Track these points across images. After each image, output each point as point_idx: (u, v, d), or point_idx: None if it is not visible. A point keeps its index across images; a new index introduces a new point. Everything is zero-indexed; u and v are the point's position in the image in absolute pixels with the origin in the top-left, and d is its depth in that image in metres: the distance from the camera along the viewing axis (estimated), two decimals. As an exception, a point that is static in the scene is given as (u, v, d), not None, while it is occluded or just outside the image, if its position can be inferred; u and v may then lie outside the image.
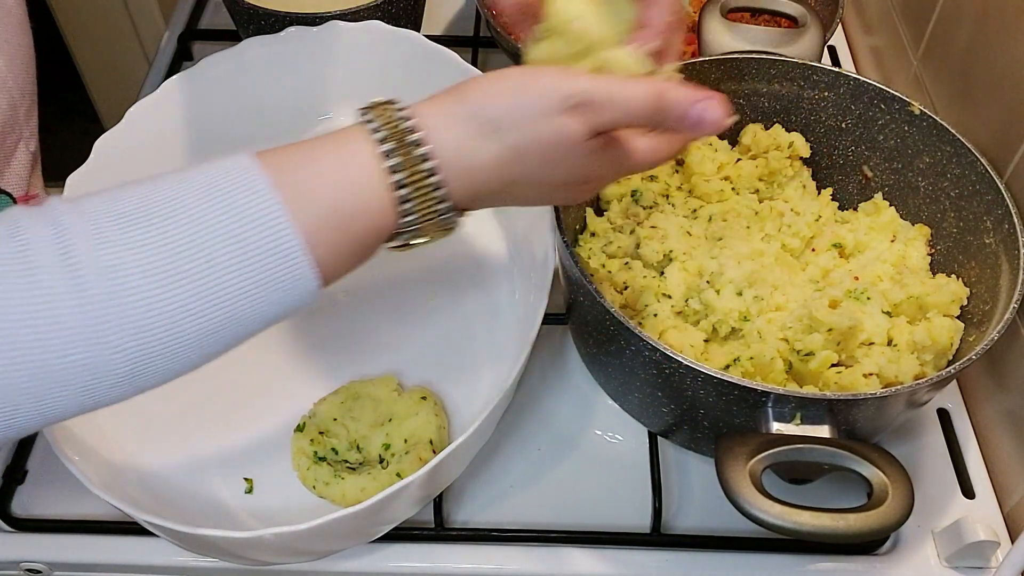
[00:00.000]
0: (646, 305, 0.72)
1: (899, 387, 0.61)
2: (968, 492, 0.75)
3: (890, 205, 0.80)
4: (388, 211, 0.50)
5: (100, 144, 0.80)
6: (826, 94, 0.80)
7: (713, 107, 0.52)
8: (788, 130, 0.82)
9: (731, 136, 0.84)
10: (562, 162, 0.53)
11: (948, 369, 0.61)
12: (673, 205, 0.81)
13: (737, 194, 0.81)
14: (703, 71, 0.80)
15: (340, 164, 0.49)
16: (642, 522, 0.73)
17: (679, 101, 0.52)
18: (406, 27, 0.86)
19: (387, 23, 0.86)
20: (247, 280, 0.46)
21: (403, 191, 0.50)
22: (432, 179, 0.50)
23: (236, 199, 0.46)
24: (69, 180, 0.77)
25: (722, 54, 0.80)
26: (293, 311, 0.49)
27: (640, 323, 0.72)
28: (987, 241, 0.71)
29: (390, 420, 0.70)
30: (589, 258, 0.78)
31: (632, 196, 0.80)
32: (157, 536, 0.65)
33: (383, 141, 0.49)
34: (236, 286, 0.46)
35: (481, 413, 0.64)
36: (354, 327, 0.81)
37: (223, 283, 0.45)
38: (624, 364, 0.68)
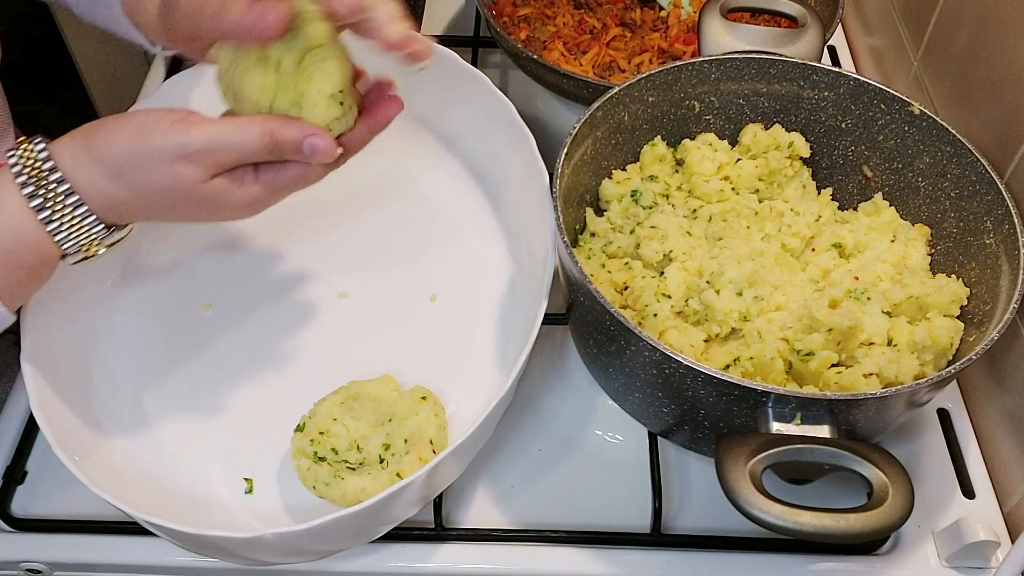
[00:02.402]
0: (646, 305, 0.72)
1: (899, 387, 0.61)
2: (968, 492, 0.75)
3: (890, 205, 0.80)
4: (47, 243, 0.58)
5: (100, 144, 0.80)
6: (826, 94, 0.80)
7: (321, 139, 0.58)
8: (788, 130, 0.82)
9: (731, 136, 0.84)
10: (188, 200, 0.59)
11: (948, 369, 0.61)
12: (673, 205, 0.81)
13: (737, 194, 0.81)
14: (703, 71, 0.80)
15: None
16: (642, 522, 0.73)
17: (291, 138, 0.58)
18: (406, 27, 0.86)
19: (387, 23, 0.86)
20: None
21: (53, 226, 0.57)
22: (79, 211, 0.57)
23: None
24: (69, 180, 0.77)
25: (722, 54, 0.80)
26: None
27: (640, 323, 0.72)
28: (987, 241, 0.71)
29: (390, 420, 0.70)
30: (589, 258, 0.78)
31: (632, 196, 0.80)
32: (157, 536, 0.65)
33: (25, 185, 0.56)
34: None
35: (481, 413, 0.64)
36: (354, 327, 0.81)
37: None
38: (624, 364, 0.68)
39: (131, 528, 0.71)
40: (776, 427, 0.60)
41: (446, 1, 1.19)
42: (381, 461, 0.69)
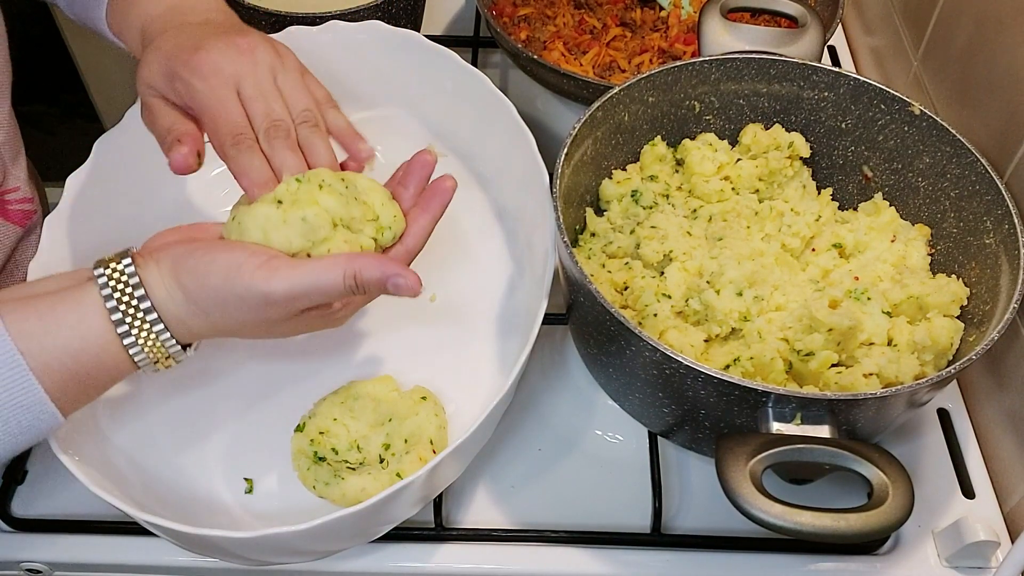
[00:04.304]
0: (646, 305, 0.72)
1: (899, 387, 0.61)
2: (968, 492, 0.75)
3: (890, 205, 0.80)
4: (126, 363, 0.58)
5: (100, 144, 0.80)
6: (826, 94, 0.80)
7: (404, 279, 0.60)
8: (788, 130, 0.82)
9: (731, 136, 0.84)
10: (271, 331, 0.62)
11: (948, 369, 0.61)
12: (673, 205, 0.81)
13: (737, 194, 0.81)
14: (703, 71, 0.80)
15: (78, 336, 0.56)
16: (642, 522, 0.73)
17: (376, 279, 0.59)
18: (406, 27, 0.86)
19: (387, 23, 0.86)
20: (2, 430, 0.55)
21: (134, 350, 0.58)
22: (163, 337, 0.58)
23: None
24: (69, 180, 0.77)
25: (722, 54, 0.80)
26: (39, 440, 0.58)
27: (640, 323, 0.72)
28: (987, 241, 0.71)
29: (390, 420, 0.70)
30: (589, 258, 0.78)
31: (632, 196, 0.80)
32: (157, 536, 0.65)
33: (114, 311, 0.57)
34: None
35: (481, 413, 0.64)
36: (354, 327, 0.81)
37: None
38: (624, 364, 0.68)
39: (131, 528, 0.71)
40: (776, 427, 0.60)
41: (446, 1, 1.19)
42: (381, 461, 0.69)
